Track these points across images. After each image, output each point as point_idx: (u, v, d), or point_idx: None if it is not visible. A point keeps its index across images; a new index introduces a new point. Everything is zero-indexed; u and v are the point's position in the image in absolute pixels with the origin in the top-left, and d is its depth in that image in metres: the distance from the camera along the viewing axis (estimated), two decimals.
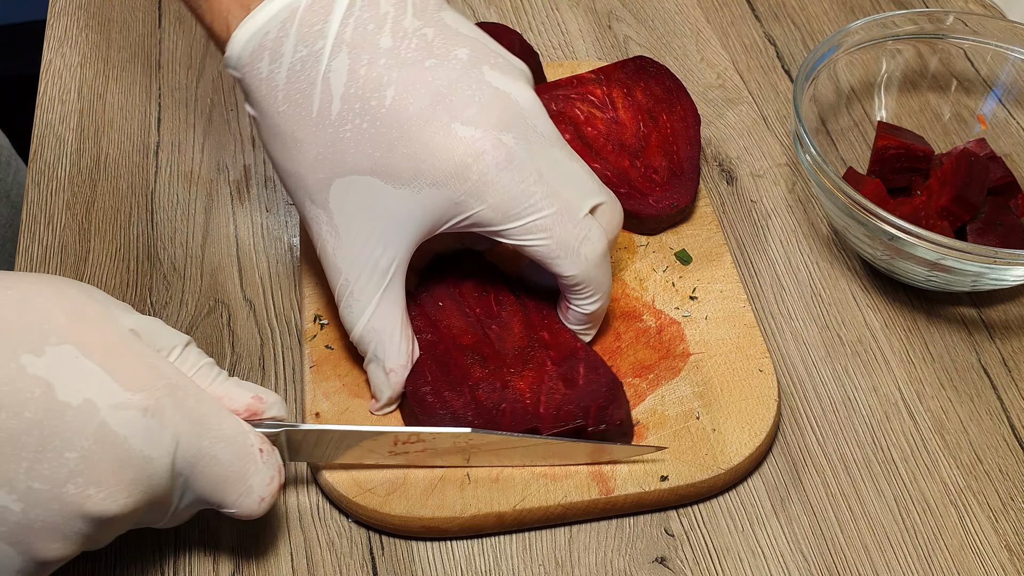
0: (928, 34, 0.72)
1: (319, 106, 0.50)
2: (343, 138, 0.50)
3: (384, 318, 0.55)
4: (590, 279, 0.55)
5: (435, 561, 0.55)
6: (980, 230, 0.65)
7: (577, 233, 0.53)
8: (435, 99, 0.50)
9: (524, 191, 0.51)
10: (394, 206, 0.51)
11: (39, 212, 0.69)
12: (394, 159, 0.50)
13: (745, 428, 0.57)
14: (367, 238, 0.52)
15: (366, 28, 0.49)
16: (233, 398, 0.50)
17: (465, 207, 0.51)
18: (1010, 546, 0.56)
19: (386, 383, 0.56)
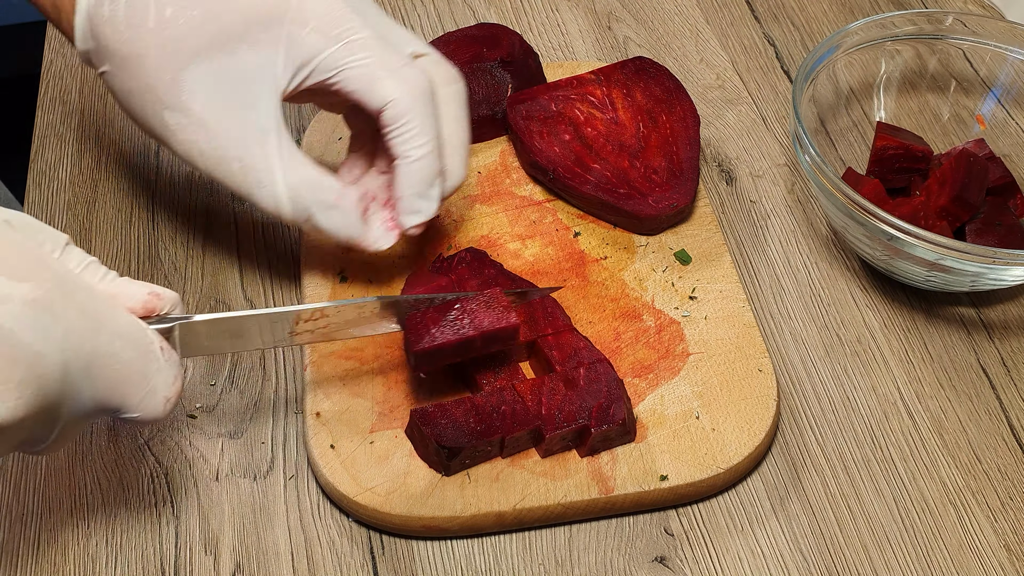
0: (927, 35, 0.73)
1: (155, 16, 0.53)
2: (180, 32, 0.53)
3: (296, 164, 0.54)
4: (414, 109, 0.54)
5: (435, 561, 0.55)
6: (979, 230, 0.65)
7: (399, 59, 0.54)
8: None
9: (343, 14, 0.54)
10: (244, 68, 0.53)
11: (40, 212, 0.69)
12: (224, 23, 0.53)
13: (744, 428, 0.57)
14: (236, 112, 0.54)
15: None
16: (128, 295, 0.47)
17: (296, 39, 0.53)
18: (1009, 545, 0.56)
19: (344, 216, 0.55)
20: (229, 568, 0.54)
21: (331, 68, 0.53)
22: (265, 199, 0.55)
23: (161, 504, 0.56)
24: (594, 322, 0.62)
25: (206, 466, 0.58)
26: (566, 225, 0.67)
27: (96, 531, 0.55)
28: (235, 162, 0.54)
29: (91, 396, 0.45)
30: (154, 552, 0.55)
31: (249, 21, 0.53)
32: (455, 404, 0.55)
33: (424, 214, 0.57)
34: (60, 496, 0.57)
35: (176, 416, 0.60)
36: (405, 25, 0.82)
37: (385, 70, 0.54)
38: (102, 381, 0.45)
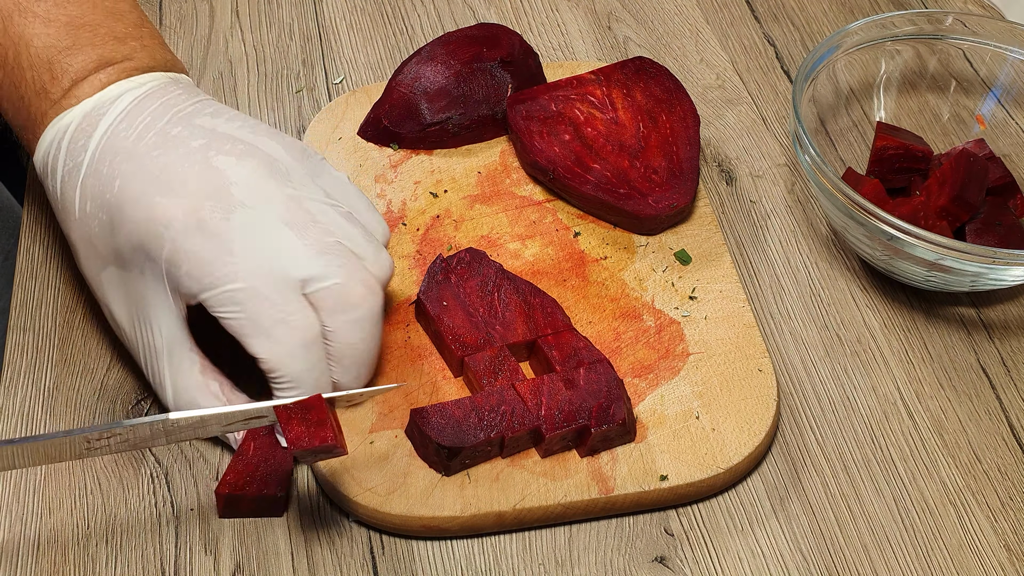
0: (927, 35, 0.73)
1: (79, 208, 0.55)
2: (93, 232, 0.55)
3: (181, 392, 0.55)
4: (283, 367, 0.53)
5: (435, 561, 0.55)
6: (979, 230, 0.65)
7: (272, 313, 0.52)
8: (149, 181, 0.53)
9: (216, 259, 0.52)
10: (138, 288, 0.54)
11: (40, 212, 0.69)
12: (119, 241, 0.54)
13: (744, 428, 0.57)
14: (139, 325, 0.56)
15: (119, 135, 0.54)
16: None
17: (172, 277, 0.53)
18: (1009, 545, 0.56)
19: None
20: (229, 568, 0.54)
21: (210, 308, 0.53)
22: (161, 399, 0.57)
23: (161, 504, 0.56)
24: (594, 322, 0.62)
25: (206, 466, 0.58)
26: (566, 225, 0.67)
27: (96, 531, 0.55)
28: (142, 364, 0.57)
29: None
30: (154, 552, 0.55)
31: (134, 247, 0.53)
32: (455, 404, 0.55)
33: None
34: (60, 496, 0.57)
35: None
36: (404, 26, 0.82)
37: (253, 328, 0.52)
38: None
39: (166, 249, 0.52)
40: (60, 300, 0.65)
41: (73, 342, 0.63)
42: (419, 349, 0.61)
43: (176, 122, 0.55)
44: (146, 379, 0.58)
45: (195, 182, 0.53)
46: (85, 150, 0.54)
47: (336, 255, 0.53)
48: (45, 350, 0.63)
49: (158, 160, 0.53)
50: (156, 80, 0.57)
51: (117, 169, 0.53)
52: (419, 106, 0.70)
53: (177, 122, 0.55)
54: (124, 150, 0.54)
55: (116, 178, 0.53)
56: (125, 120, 0.55)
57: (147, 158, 0.53)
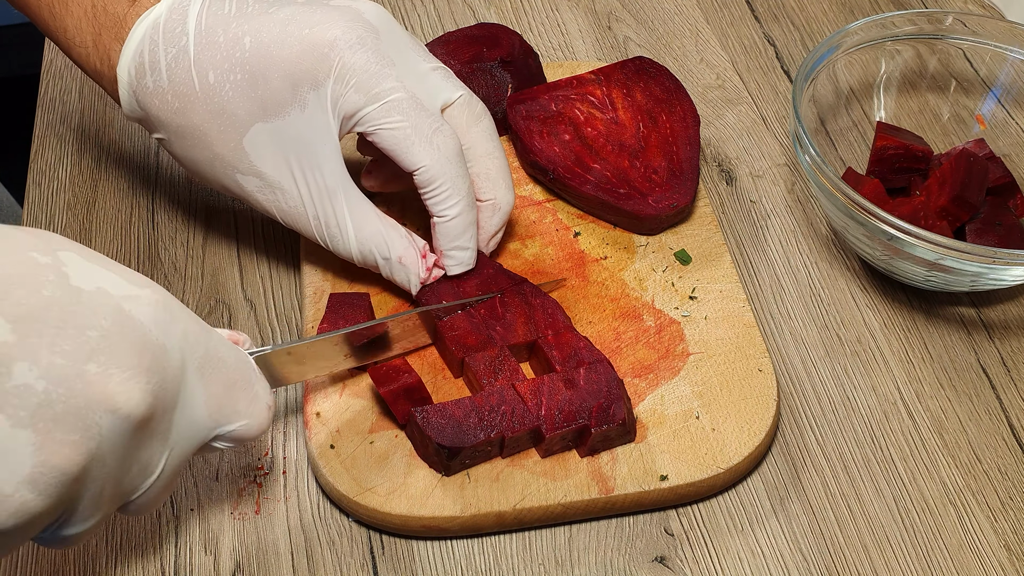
0: (927, 35, 0.73)
1: (200, 84, 0.55)
2: (228, 98, 0.55)
3: (365, 221, 0.57)
4: (445, 174, 0.56)
5: (435, 561, 0.55)
6: (979, 230, 0.65)
7: (431, 123, 0.56)
8: (285, 24, 0.55)
9: (380, 71, 0.55)
10: (301, 130, 0.56)
11: (40, 212, 0.69)
12: (272, 88, 0.55)
13: (744, 428, 0.57)
14: (303, 173, 0.56)
15: (218, 12, 0.56)
16: None
17: (337, 97, 0.55)
18: (1009, 545, 0.56)
19: (406, 270, 0.58)
20: (229, 568, 0.54)
21: (370, 124, 0.56)
22: (340, 251, 0.59)
23: (161, 504, 0.56)
24: (594, 322, 0.62)
25: (206, 466, 0.58)
26: (566, 225, 0.67)
27: None
28: (312, 220, 0.58)
29: (204, 401, 0.46)
30: (154, 552, 0.55)
31: (296, 83, 0.55)
32: (455, 404, 0.55)
33: (464, 263, 0.60)
34: None
35: None
36: (406, 26, 0.82)
37: (417, 136, 0.56)
38: (214, 385, 0.46)
39: (335, 66, 0.55)
40: None
41: None
42: (419, 349, 0.61)
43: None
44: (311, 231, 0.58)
45: (333, 15, 0.55)
46: (186, 34, 0.56)
47: (452, 78, 0.59)
48: None
49: (280, 12, 0.56)
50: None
51: (239, 31, 0.55)
52: None
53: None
54: (233, 16, 0.56)
55: (244, 36, 0.55)
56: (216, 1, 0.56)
57: (265, 14, 0.56)
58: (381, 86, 0.55)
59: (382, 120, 0.55)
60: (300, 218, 0.58)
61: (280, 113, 0.55)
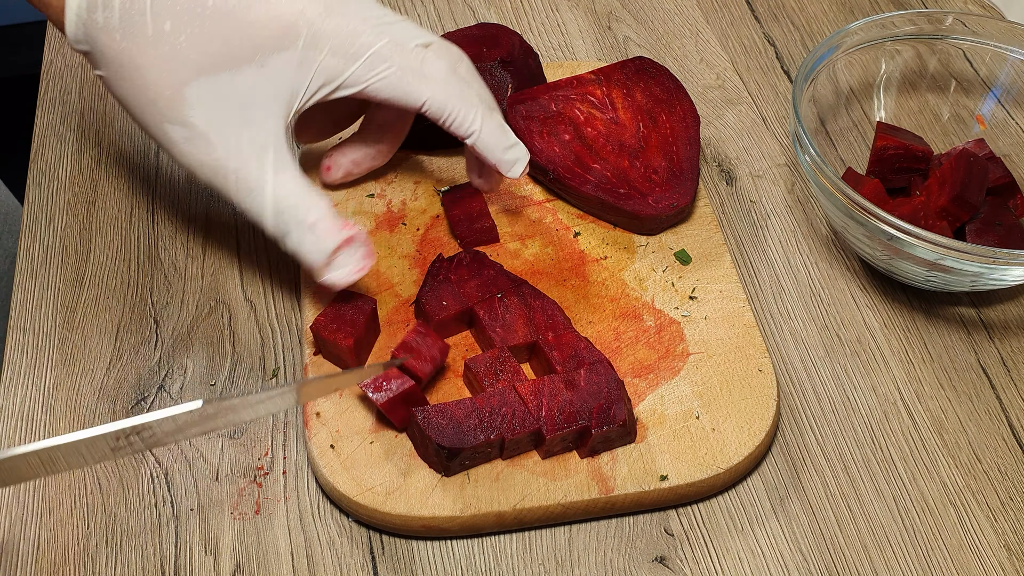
0: (927, 35, 0.73)
1: (153, 28, 0.54)
2: (181, 48, 0.54)
3: (287, 184, 0.55)
4: (449, 96, 0.57)
5: (435, 561, 0.55)
6: (979, 230, 0.65)
7: (415, 56, 0.56)
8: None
9: (353, 30, 0.55)
10: (248, 87, 0.55)
11: (40, 212, 0.69)
12: (231, 46, 0.54)
13: (744, 428, 0.57)
14: (237, 127, 0.55)
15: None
16: None
17: (309, 63, 0.55)
18: (1009, 545, 0.56)
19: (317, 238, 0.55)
20: (229, 568, 0.54)
21: (357, 83, 0.56)
22: (253, 209, 0.56)
23: (161, 504, 0.56)
24: (594, 322, 0.62)
25: (206, 466, 0.58)
26: (566, 225, 0.67)
27: (96, 531, 0.55)
28: (231, 174, 0.55)
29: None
30: (154, 552, 0.55)
31: (258, 46, 0.54)
32: (456, 405, 0.55)
33: (521, 159, 0.61)
34: (60, 496, 0.57)
35: None
36: None
37: (408, 74, 0.56)
38: None
39: (303, 35, 0.54)
40: (60, 300, 0.65)
41: (73, 342, 0.63)
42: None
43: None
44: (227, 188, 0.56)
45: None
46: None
47: (421, 28, 0.59)
48: (45, 350, 0.63)
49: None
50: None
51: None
52: None
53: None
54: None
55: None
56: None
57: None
58: (359, 42, 0.55)
59: (368, 74, 0.56)
60: (218, 173, 0.55)
61: (231, 68, 0.54)
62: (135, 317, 0.64)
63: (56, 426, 0.59)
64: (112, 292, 0.65)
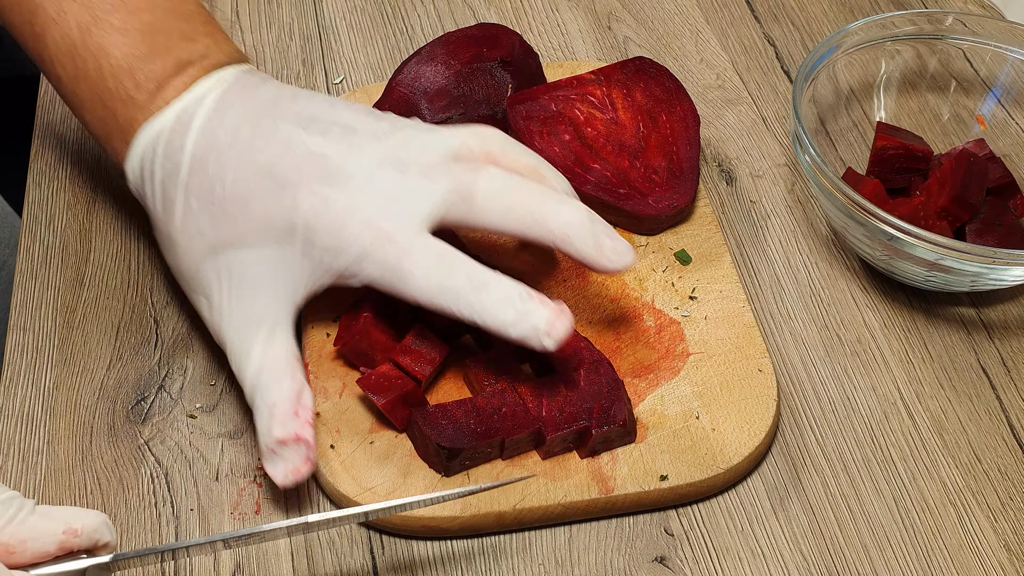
0: (927, 35, 0.73)
1: (182, 207, 0.57)
2: (203, 227, 0.56)
3: (267, 362, 0.55)
4: (434, 295, 0.54)
5: (435, 561, 0.55)
6: (979, 230, 0.65)
7: (397, 252, 0.54)
8: (262, 174, 0.56)
9: (343, 225, 0.54)
10: (254, 267, 0.56)
11: (40, 212, 0.69)
12: (240, 230, 0.56)
13: (744, 428, 0.57)
14: (240, 302, 0.56)
15: (214, 133, 0.56)
16: (39, 537, 0.46)
17: (308, 255, 0.55)
18: (1009, 545, 0.56)
19: (266, 423, 0.54)
20: (229, 568, 0.54)
21: (353, 277, 0.55)
22: (241, 381, 0.56)
23: (161, 504, 0.56)
24: (594, 322, 0.62)
25: (206, 466, 0.58)
26: None
27: None
28: (228, 344, 0.57)
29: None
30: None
31: (261, 234, 0.55)
32: (456, 405, 0.55)
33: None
34: (60, 496, 0.57)
35: (176, 416, 0.60)
36: (404, 26, 0.82)
37: (391, 273, 0.54)
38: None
39: (299, 231, 0.55)
40: (60, 300, 0.65)
41: (73, 342, 0.63)
42: None
43: (263, 113, 0.57)
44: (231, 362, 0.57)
45: (303, 169, 0.55)
46: (182, 150, 0.56)
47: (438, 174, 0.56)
48: (45, 350, 0.63)
49: (263, 154, 0.56)
50: (231, 74, 0.59)
51: (225, 166, 0.56)
52: (419, 106, 0.70)
53: (264, 113, 0.57)
54: (224, 146, 0.56)
55: (227, 173, 0.56)
56: (215, 117, 0.57)
57: (250, 152, 0.56)
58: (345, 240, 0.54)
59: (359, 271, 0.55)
60: (224, 343, 0.57)
61: (237, 247, 0.56)
62: (135, 317, 0.64)
63: (56, 426, 0.59)
64: (112, 292, 0.65)
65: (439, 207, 0.55)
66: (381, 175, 0.56)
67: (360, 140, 0.57)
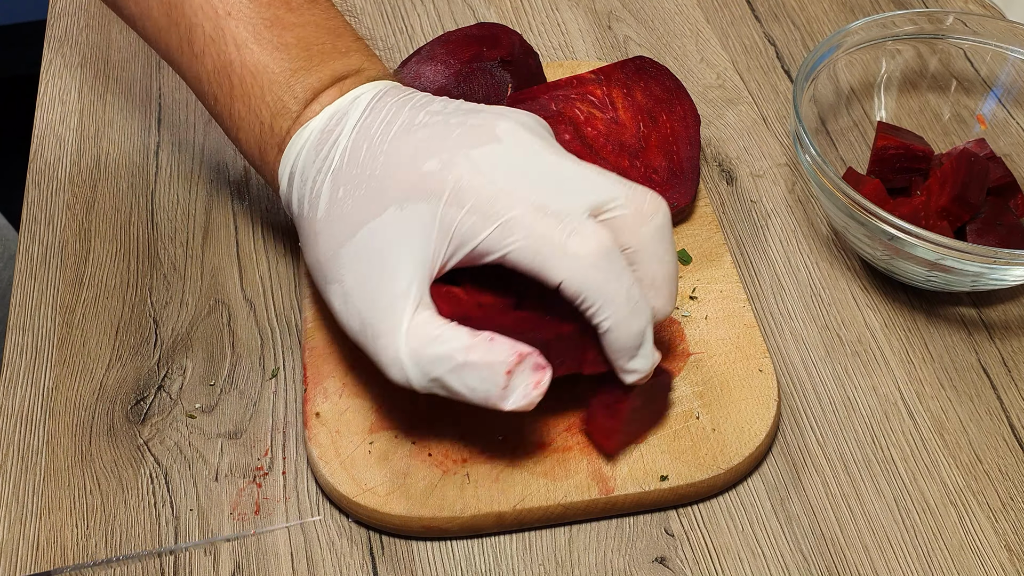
0: (928, 34, 0.73)
1: (328, 196, 0.55)
2: (346, 211, 0.54)
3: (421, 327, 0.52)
4: (588, 285, 0.50)
5: (435, 561, 0.55)
6: (980, 230, 0.65)
7: (563, 228, 0.50)
8: (417, 148, 0.54)
9: (499, 190, 0.51)
10: (389, 233, 0.53)
11: (39, 212, 0.69)
12: (385, 199, 0.53)
13: (745, 428, 0.57)
14: (376, 279, 0.53)
15: (368, 128, 0.55)
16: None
17: (449, 219, 0.51)
18: (1009, 546, 0.56)
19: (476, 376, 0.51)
20: (229, 568, 0.54)
21: (493, 250, 0.51)
22: (392, 366, 0.52)
23: (160, 504, 0.56)
24: None
25: (206, 466, 0.58)
26: None
27: (96, 531, 0.55)
28: (368, 328, 0.53)
29: None
30: (154, 552, 0.55)
31: (406, 192, 0.53)
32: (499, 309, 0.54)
33: (639, 372, 0.53)
34: (60, 496, 0.57)
35: (175, 416, 0.60)
36: (404, 25, 0.82)
37: (547, 247, 0.50)
38: None
39: (448, 190, 0.52)
40: (59, 300, 0.65)
41: (72, 342, 0.63)
42: None
43: (417, 111, 0.56)
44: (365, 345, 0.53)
45: (465, 137, 0.53)
46: (336, 146, 0.55)
47: (613, 177, 0.53)
48: (44, 350, 0.63)
49: (418, 133, 0.54)
50: (385, 85, 0.58)
51: (378, 150, 0.54)
52: None
53: (418, 111, 0.56)
54: (378, 136, 0.55)
55: (379, 156, 0.54)
56: (370, 115, 0.56)
57: (407, 132, 0.54)
58: (498, 204, 0.51)
59: (503, 242, 0.51)
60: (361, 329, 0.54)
61: (377, 215, 0.53)
62: (134, 317, 0.64)
63: (55, 426, 0.59)
64: (111, 292, 0.65)
65: (608, 202, 0.52)
66: (549, 152, 0.53)
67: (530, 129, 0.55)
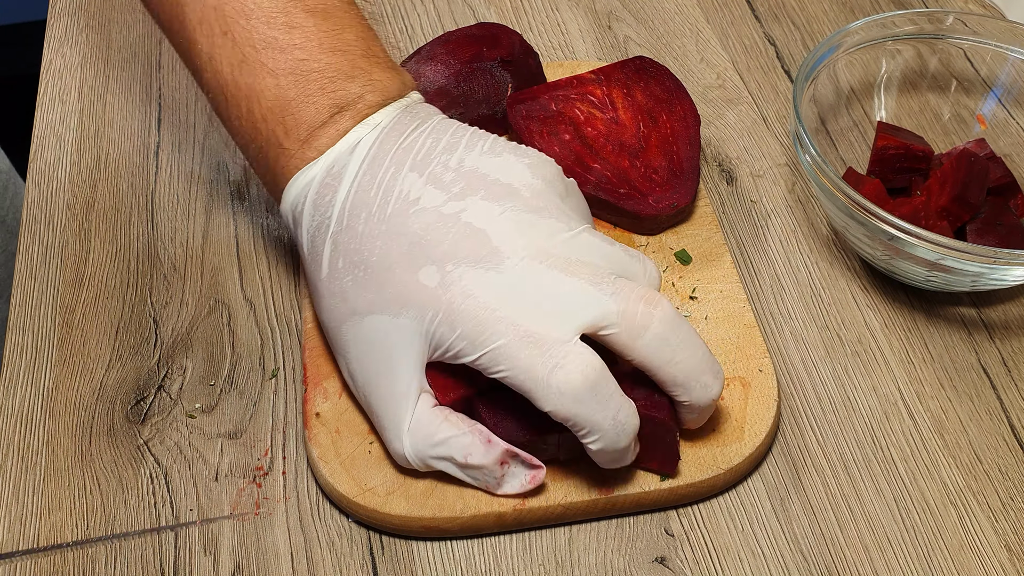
0: (928, 34, 0.72)
1: (328, 263, 0.55)
2: (346, 287, 0.55)
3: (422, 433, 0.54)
4: (575, 416, 0.50)
5: (435, 561, 0.55)
6: (980, 230, 0.65)
7: (545, 362, 0.50)
8: (412, 244, 0.53)
9: (489, 317, 0.51)
10: (390, 336, 0.54)
11: (39, 212, 0.69)
12: (384, 297, 0.54)
13: (745, 428, 0.57)
14: (377, 370, 0.54)
15: (364, 190, 0.54)
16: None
17: (440, 336, 0.52)
18: (1010, 546, 0.56)
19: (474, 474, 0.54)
20: (229, 568, 0.54)
21: (483, 369, 0.52)
22: (396, 456, 0.55)
23: (160, 504, 0.56)
24: None
25: (206, 466, 0.58)
26: None
27: (96, 531, 0.55)
28: (373, 414, 0.56)
29: None
30: (154, 552, 0.55)
31: (402, 304, 0.53)
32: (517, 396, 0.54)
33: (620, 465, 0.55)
34: (60, 496, 0.57)
35: (175, 416, 0.60)
36: (404, 25, 0.82)
37: (531, 381, 0.51)
38: None
39: (442, 312, 0.52)
40: (59, 300, 0.65)
41: (72, 342, 0.63)
42: None
43: (418, 167, 0.54)
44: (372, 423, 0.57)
45: (459, 247, 0.53)
46: (332, 205, 0.55)
47: (606, 286, 0.52)
48: (44, 350, 0.62)
49: (415, 221, 0.53)
50: (387, 117, 0.56)
51: (375, 230, 0.53)
52: None
53: (419, 167, 0.54)
54: (375, 207, 0.54)
55: (376, 239, 0.53)
56: (368, 173, 0.54)
57: (401, 218, 0.54)
58: (487, 332, 0.51)
59: (492, 368, 0.51)
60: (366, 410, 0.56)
61: (378, 314, 0.54)
62: (134, 317, 0.64)
63: (55, 426, 0.59)
64: (111, 292, 0.65)
65: (599, 322, 0.51)
66: (541, 268, 0.52)
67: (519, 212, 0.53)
